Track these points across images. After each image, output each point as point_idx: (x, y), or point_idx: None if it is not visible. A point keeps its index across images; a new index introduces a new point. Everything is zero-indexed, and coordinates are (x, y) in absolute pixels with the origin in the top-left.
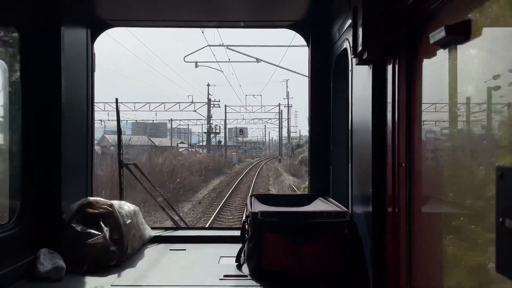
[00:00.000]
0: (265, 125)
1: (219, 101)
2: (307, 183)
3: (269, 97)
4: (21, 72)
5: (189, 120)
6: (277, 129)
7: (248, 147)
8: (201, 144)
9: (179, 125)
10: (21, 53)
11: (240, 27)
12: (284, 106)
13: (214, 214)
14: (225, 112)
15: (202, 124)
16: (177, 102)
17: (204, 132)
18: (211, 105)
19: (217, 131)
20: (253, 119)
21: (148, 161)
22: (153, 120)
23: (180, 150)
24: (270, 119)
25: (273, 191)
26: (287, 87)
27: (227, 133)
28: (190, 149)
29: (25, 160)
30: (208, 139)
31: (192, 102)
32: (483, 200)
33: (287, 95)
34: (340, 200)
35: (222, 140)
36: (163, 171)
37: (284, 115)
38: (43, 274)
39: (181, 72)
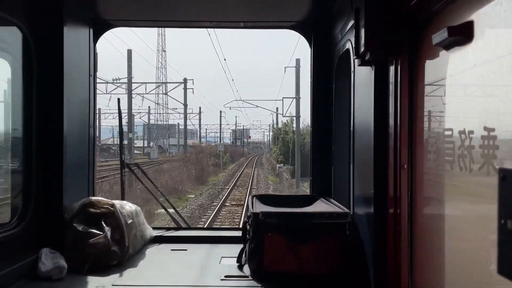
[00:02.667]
0: (264, 132)
1: (242, 125)
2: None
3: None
4: (24, 72)
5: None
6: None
7: (251, 147)
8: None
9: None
10: (23, 53)
11: (241, 28)
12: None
13: (245, 164)
14: (243, 129)
15: (221, 132)
16: (220, 125)
17: (233, 138)
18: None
19: (239, 138)
20: (256, 124)
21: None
22: (164, 122)
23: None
24: (267, 126)
25: (264, 160)
26: (277, 116)
27: (237, 134)
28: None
29: (27, 160)
30: (235, 142)
31: (228, 124)
32: (484, 202)
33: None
34: (342, 201)
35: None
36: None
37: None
38: (44, 273)
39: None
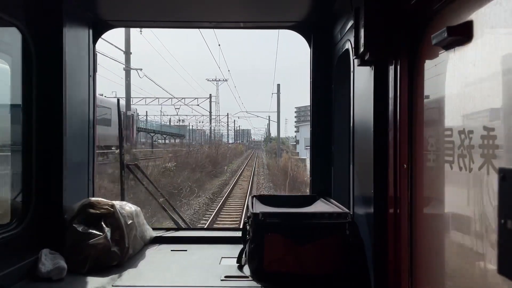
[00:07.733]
0: (262, 136)
1: (249, 129)
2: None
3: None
4: (23, 73)
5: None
6: (274, 131)
7: (253, 144)
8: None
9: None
10: (23, 54)
11: (240, 28)
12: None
13: (250, 156)
14: (250, 134)
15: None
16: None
17: (247, 140)
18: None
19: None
20: (256, 128)
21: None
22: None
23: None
24: (265, 126)
25: (260, 152)
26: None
27: (241, 133)
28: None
29: (26, 160)
30: (247, 140)
31: (235, 130)
32: (485, 202)
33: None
34: (342, 201)
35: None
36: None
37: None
38: (44, 274)
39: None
